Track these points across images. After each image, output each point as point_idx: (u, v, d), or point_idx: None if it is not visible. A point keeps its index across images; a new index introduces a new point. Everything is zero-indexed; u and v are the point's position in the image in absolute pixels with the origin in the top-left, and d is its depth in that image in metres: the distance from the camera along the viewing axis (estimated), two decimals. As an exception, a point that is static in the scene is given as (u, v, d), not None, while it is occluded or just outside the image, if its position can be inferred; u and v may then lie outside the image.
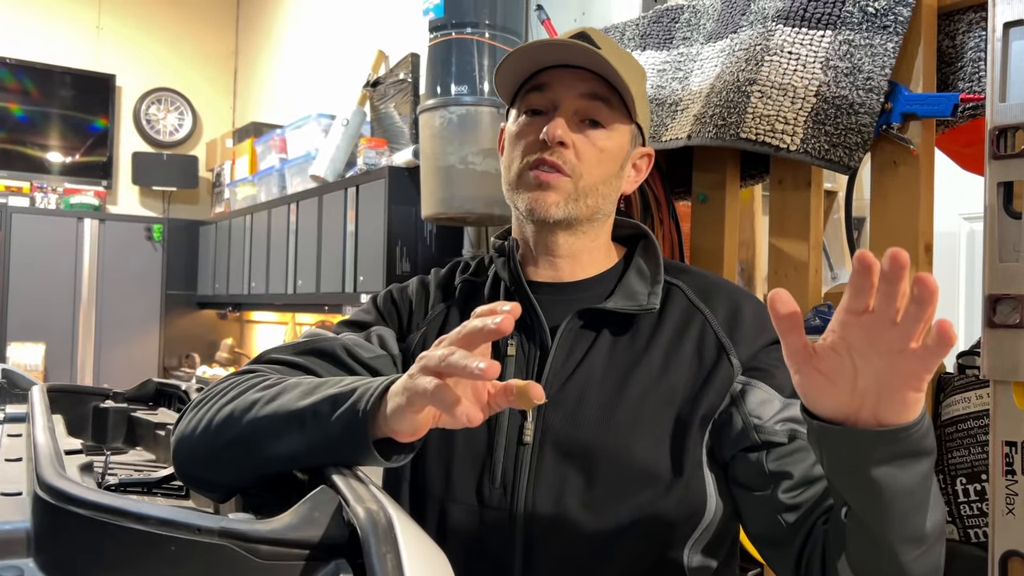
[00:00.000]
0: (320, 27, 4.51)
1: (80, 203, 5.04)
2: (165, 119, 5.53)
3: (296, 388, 0.82)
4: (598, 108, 0.99)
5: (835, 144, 1.33)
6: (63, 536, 0.61)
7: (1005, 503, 1.17)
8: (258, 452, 0.81)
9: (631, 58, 1.07)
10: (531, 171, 0.98)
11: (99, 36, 5.36)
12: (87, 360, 4.84)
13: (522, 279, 1.02)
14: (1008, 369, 1.17)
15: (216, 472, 0.86)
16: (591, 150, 0.98)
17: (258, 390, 0.85)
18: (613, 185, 1.02)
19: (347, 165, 3.42)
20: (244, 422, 0.81)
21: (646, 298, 0.99)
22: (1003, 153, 1.18)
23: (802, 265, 1.52)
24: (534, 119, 1.00)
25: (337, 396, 0.77)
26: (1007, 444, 1.17)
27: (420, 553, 0.60)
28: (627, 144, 1.03)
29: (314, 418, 0.77)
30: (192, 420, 0.87)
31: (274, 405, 0.81)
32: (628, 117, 1.01)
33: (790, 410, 0.92)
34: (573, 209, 0.99)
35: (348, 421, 0.75)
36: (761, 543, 0.94)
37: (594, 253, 1.05)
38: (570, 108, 0.98)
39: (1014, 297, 1.16)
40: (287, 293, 3.81)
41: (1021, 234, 1.17)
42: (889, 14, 1.33)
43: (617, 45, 1.06)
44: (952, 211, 2.65)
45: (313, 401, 0.78)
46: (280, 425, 0.79)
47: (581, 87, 0.98)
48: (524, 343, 1.00)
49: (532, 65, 1.00)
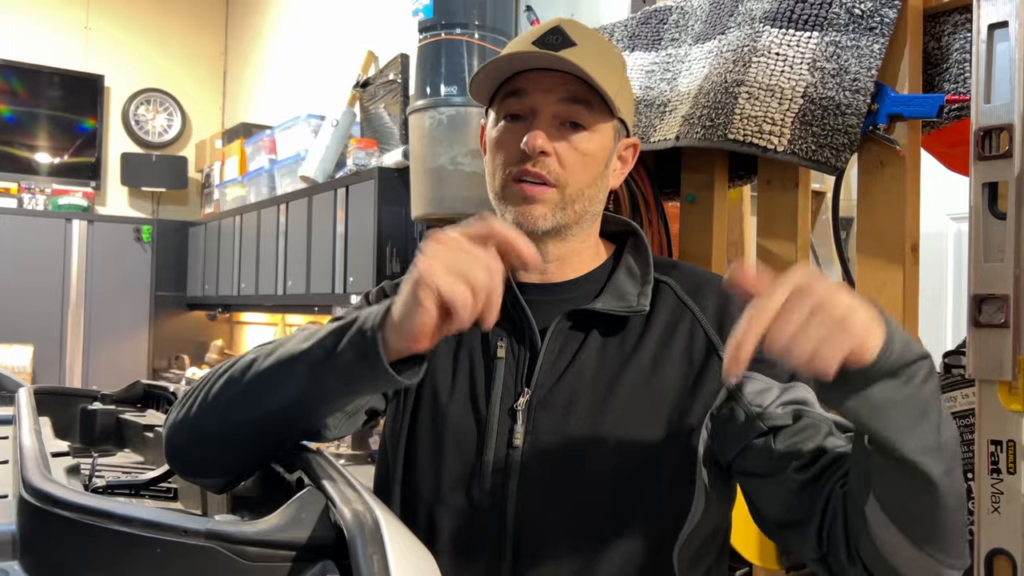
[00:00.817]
0: (309, 27, 4.50)
1: (68, 204, 5.02)
2: (154, 120, 5.51)
3: (293, 339, 0.83)
4: (578, 111, 0.97)
5: (822, 145, 1.34)
6: (49, 539, 0.61)
7: (991, 502, 1.18)
8: (266, 401, 0.82)
9: (609, 47, 1.05)
10: (516, 184, 0.97)
11: (87, 36, 5.33)
12: (76, 362, 4.82)
13: (511, 280, 1.01)
14: (993, 368, 1.17)
15: (215, 448, 0.86)
16: (574, 155, 0.97)
17: (252, 354, 0.86)
18: (600, 185, 1.02)
19: (337, 166, 3.41)
20: (246, 379, 0.83)
21: (636, 299, 0.99)
22: (988, 154, 1.19)
23: (790, 265, 1.52)
24: (513, 125, 0.98)
25: (340, 328, 0.79)
26: (992, 443, 1.18)
27: (406, 554, 0.60)
28: (610, 142, 1.02)
29: (321, 349, 0.79)
30: (184, 405, 0.88)
31: (275, 356, 0.82)
32: (610, 114, 0.99)
33: (790, 393, 0.91)
34: (561, 218, 0.98)
35: (358, 343, 0.76)
36: (782, 528, 0.91)
37: (583, 253, 1.05)
38: (549, 113, 0.97)
39: (999, 297, 1.17)
40: (277, 294, 3.81)
41: (1006, 234, 1.18)
42: (875, 16, 1.34)
43: (595, 33, 1.03)
44: (940, 212, 2.67)
45: (317, 339, 0.80)
46: (286, 369, 0.80)
47: (559, 92, 0.96)
48: (514, 345, 1.00)
49: (508, 69, 0.99)
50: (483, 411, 0.98)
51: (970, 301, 1.20)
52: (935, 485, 0.74)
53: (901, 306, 1.33)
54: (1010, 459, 1.16)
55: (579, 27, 1.00)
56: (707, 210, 1.65)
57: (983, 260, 1.19)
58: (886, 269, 1.35)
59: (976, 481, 1.21)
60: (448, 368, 1.02)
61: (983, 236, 1.20)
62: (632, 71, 1.70)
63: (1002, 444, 1.17)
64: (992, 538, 1.18)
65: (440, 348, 1.03)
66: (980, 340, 1.19)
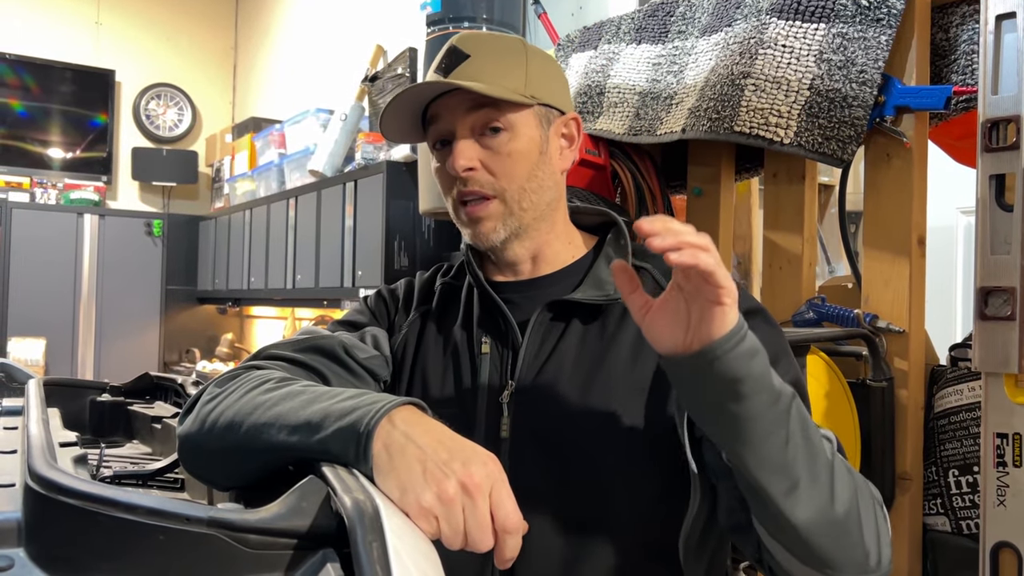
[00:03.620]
0: (318, 22, 4.51)
1: (80, 199, 5.05)
2: (165, 114, 5.53)
3: (297, 397, 0.81)
4: (489, 114, 0.98)
5: (828, 137, 1.33)
6: (53, 526, 0.61)
7: (996, 495, 1.18)
8: (265, 450, 0.80)
9: (505, 43, 1.03)
10: (462, 207, 1.00)
11: (98, 32, 5.36)
12: (87, 355, 4.85)
13: (483, 281, 1.04)
14: (999, 361, 1.17)
15: (218, 471, 0.86)
16: (500, 159, 0.98)
17: (261, 393, 0.85)
18: (541, 175, 1.01)
19: (345, 160, 3.42)
20: (244, 429, 0.81)
21: (614, 287, 0.99)
22: (995, 146, 1.19)
23: (796, 258, 1.52)
24: (443, 151, 1.01)
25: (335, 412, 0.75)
26: (998, 436, 1.18)
27: (406, 542, 0.61)
28: (536, 130, 1.01)
29: (310, 431, 0.75)
30: (196, 419, 0.87)
31: (274, 412, 0.80)
32: (524, 106, 1.00)
33: None
34: (512, 222, 1.00)
35: (346, 438, 0.73)
36: (731, 532, 0.92)
37: (554, 245, 1.06)
38: (465, 128, 0.99)
39: (1005, 289, 1.17)
40: (286, 288, 3.82)
41: (1012, 227, 1.17)
42: (882, 7, 1.33)
43: (491, 37, 1.04)
44: (949, 205, 2.66)
45: (313, 413, 0.77)
46: (281, 432, 0.78)
47: (464, 105, 0.98)
48: (497, 342, 1.02)
49: (418, 106, 1.01)
50: (470, 405, 1.00)
51: (976, 294, 1.20)
52: (775, 503, 0.76)
53: (907, 299, 1.33)
54: (1016, 452, 1.16)
55: (473, 38, 1.01)
56: (714, 203, 1.64)
57: (990, 252, 1.19)
58: (892, 262, 1.35)
59: (982, 474, 1.20)
60: (437, 365, 1.04)
61: (990, 228, 1.20)
62: (639, 64, 1.70)
63: (1008, 437, 1.17)
64: (997, 531, 1.18)
65: (428, 346, 1.06)
66: (986, 333, 1.18)
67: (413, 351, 1.06)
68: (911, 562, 1.33)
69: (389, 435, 0.71)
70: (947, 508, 1.30)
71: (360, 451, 0.71)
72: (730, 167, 1.65)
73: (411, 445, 0.69)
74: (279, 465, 0.81)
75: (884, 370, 1.32)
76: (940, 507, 1.31)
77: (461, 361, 1.03)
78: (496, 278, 1.07)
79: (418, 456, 0.68)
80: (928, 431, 1.34)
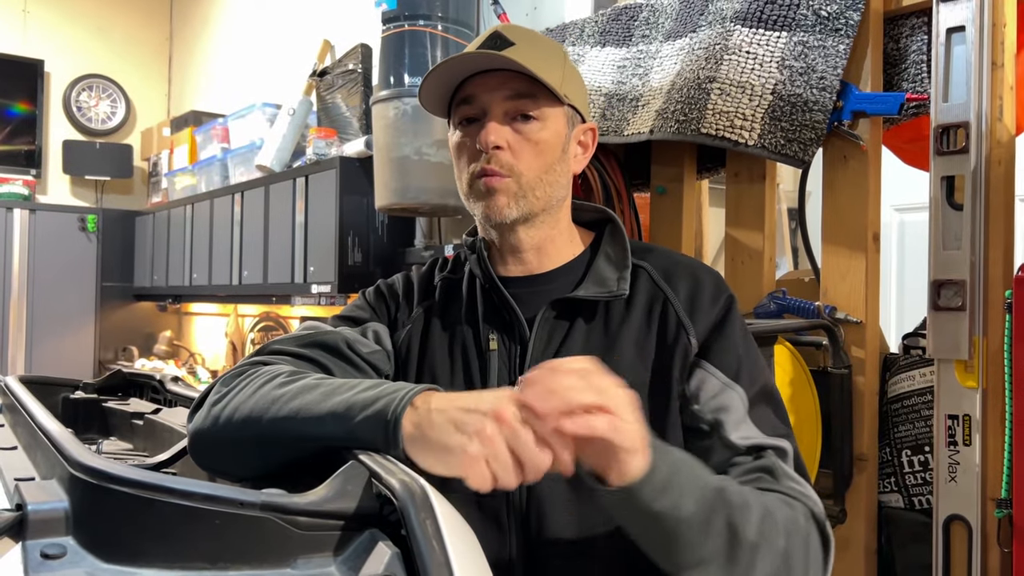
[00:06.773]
0: (259, 15, 4.45)
1: (7, 192, 4.87)
2: (97, 106, 5.38)
3: (315, 390, 0.85)
4: (525, 104, 1.02)
5: (791, 140, 1.41)
6: (105, 514, 0.63)
7: (948, 472, 1.28)
8: (288, 446, 0.83)
9: (547, 42, 1.09)
10: (479, 179, 1.03)
11: (26, 20, 5.18)
12: (18, 355, 4.69)
13: (493, 276, 1.06)
14: (951, 348, 1.27)
15: (234, 463, 0.88)
16: (527, 145, 1.02)
17: (275, 387, 0.87)
18: (558, 171, 1.06)
19: (294, 155, 3.40)
20: (264, 422, 0.84)
21: (615, 284, 1.04)
22: (946, 149, 1.28)
23: (757, 254, 1.60)
24: (470, 128, 1.05)
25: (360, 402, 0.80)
26: (949, 417, 1.27)
27: (452, 520, 0.65)
28: (563, 128, 1.06)
29: (337, 421, 0.80)
30: (208, 416, 0.89)
31: (295, 405, 0.83)
32: (558, 102, 1.04)
33: (725, 396, 0.97)
34: (524, 205, 1.03)
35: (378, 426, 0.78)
36: None
37: (557, 241, 1.09)
38: (499, 111, 1.02)
39: (956, 282, 1.26)
40: (232, 284, 3.77)
41: (962, 224, 1.27)
42: (841, 17, 1.41)
43: (532, 32, 1.09)
44: (884, 203, 2.79)
45: (336, 404, 0.81)
46: (305, 425, 0.82)
47: (504, 90, 1.02)
48: (504, 337, 1.04)
49: (454, 79, 1.04)
50: None
51: (930, 286, 1.29)
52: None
53: (864, 292, 1.42)
54: (966, 432, 1.26)
55: (517, 29, 1.06)
56: (677, 201, 1.72)
57: (942, 248, 1.28)
58: (849, 257, 1.44)
59: (934, 453, 1.30)
60: (445, 362, 1.06)
61: (941, 226, 1.29)
62: (603, 66, 1.75)
63: (958, 418, 1.26)
64: (949, 505, 1.27)
65: (434, 342, 1.08)
66: (939, 322, 1.28)
67: (419, 347, 1.08)
68: (867, 537, 1.42)
69: (415, 416, 0.77)
70: (900, 486, 1.40)
71: (390, 436, 0.76)
72: (692, 167, 1.72)
73: (436, 414, 0.76)
74: (300, 455, 0.84)
75: (843, 358, 1.41)
76: (894, 485, 1.41)
77: (469, 357, 1.05)
78: (500, 273, 1.09)
79: (447, 419, 0.75)
80: (882, 415, 1.44)
